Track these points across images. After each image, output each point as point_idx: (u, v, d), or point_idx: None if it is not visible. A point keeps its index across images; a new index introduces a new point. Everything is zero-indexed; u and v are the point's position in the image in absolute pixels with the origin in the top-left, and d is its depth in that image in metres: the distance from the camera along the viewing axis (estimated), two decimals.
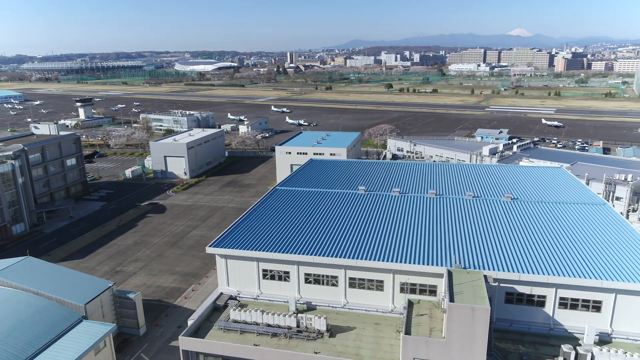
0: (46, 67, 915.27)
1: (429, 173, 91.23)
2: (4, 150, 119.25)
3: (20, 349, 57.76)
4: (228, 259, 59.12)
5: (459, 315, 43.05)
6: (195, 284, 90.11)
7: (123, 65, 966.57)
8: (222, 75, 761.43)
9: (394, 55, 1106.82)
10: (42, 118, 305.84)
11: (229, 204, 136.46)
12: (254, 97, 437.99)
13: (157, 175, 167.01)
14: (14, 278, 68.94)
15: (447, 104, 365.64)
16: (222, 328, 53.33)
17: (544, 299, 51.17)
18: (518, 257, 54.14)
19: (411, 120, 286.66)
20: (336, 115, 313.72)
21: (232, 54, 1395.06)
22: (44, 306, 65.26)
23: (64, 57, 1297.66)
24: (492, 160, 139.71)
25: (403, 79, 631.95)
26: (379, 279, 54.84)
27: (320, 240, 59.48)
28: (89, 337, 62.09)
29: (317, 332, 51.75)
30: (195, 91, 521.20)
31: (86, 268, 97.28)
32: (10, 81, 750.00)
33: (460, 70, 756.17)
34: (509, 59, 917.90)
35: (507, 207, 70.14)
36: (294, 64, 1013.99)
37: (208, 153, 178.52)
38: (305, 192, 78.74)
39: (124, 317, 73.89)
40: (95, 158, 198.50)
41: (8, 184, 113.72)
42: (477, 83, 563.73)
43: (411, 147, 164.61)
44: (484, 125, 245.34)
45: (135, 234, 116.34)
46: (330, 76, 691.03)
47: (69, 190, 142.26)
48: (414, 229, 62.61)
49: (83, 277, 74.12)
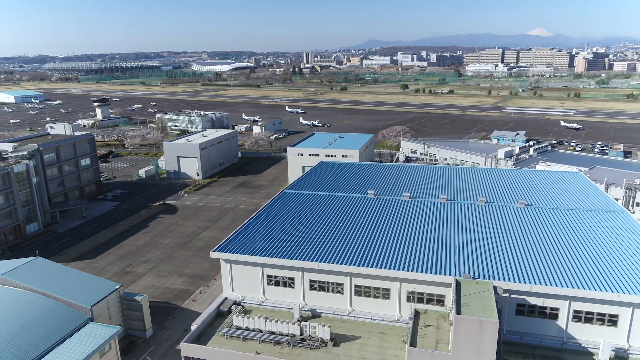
0: (67, 67, 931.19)
1: (441, 177, 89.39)
2: (19, 150, 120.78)
3: (25, 350, 57.88)
4: (232, 264, 58.41)
5: (467, 328, 41.53)
6: (204, 287, 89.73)
7: (141, 65, 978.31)
8: (238, 75, 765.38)
9: (410, 55, 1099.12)
10: (61, 118, 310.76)
11: (240, 205, 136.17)
12: (269, 98, 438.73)
13: (170, 176, 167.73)
14: (23, 278, 69.29)
15: (464, 105, 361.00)
16: (225, 334, 52.59)
17: (556, 312, 49.24)
18: (530, 267, 52.24)
19: (426, 121, 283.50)
20: (350, 116, 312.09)
21: (248, 54, 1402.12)
22: (50, 307, 65.41)
23: (85, 57, 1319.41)
24: (507, 163, 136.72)
25: (419, 80, 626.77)
26: (385, 287, 53.50)
27: (326, 246, 58.35)
28: (94, 339, 61.98)
29: (321, 341, 50.64)
30: (211, 91, 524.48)
31: (96, 268, 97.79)
32: (32, 81, 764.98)
33: (478, 70, 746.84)
34: (527, 60, 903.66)
35: (520, 213, 68.05)
36: (310, 64, 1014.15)
37: (221, 154, 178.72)
38: (314, 196, 77.67)
39: (131, 319, 73.76)
40: (110, 158, 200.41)
41: (22, 183, 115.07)
42: (494, 84, 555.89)
43: (425, 149, 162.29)
44: (500, 127, 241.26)
45: (146, 234, 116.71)
46: (346, 76, 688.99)
47: (83, 190, 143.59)
48: (422, 236, 61.05)
49: (91, 279, 74.23)
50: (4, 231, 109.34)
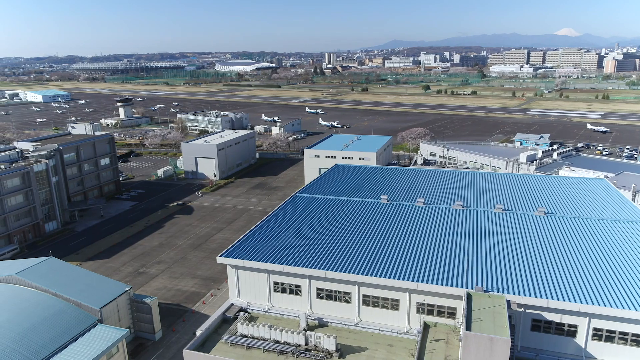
0: (94, 67, 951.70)
1: (458, 182, 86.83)
2: (40, 150, 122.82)
3: (34, 351, 58.06)
4: (239, 270, 57.47)
5: (476, 346, 39.50)
6: (215, 290, 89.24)
7: (165, 65, 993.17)
8: (260, 75, 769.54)
9: (433, 55, 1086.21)
10: (86, 117, 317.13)
11: (255, 207, 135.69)
12: (289, 98, 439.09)
13: (188, 176, 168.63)
14: (35, 278, 69.78)
15: (486, 107, 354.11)
16: (229, 342, 51.64)
17: (575, 329, 46.64)
18: (547, 281, 49.69)
19: (447, 123, 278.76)
20: (370, 117, 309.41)
21: (271, 55, 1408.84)
22: (61, 308, 65.64)
23: (112, 57, 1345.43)
24: (529, 168, 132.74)
25: (442, 81, 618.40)
26: (394, 298, 51.69)
27: (334, 254, 56.84)
28: (102, 341, 61.84)
29: (326, 352, 49.17)
30: (232, 92, 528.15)
31: (111, 268, 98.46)
32: (60, 81, 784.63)
33: (502, 71, 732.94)
34: (554, 60, 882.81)
35: (539, 222, 65.22)
36: (332, 64, 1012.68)
37: (238, 154, 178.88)
38: (326, 200, 76.23)
39: (140, 321, 73.63)
40: (131, 157, 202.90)
41: (42, 182, 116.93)
42: (519, 85, 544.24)
43: (444, 152, 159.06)
44: (523, 130, 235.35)
45: (161, 235, 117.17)
46: (367, 77, 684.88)
47: (102, 189, 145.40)
48: (435, 245, 58.95)
49: (101, 280, 74.37)
50: (23, 229, 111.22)
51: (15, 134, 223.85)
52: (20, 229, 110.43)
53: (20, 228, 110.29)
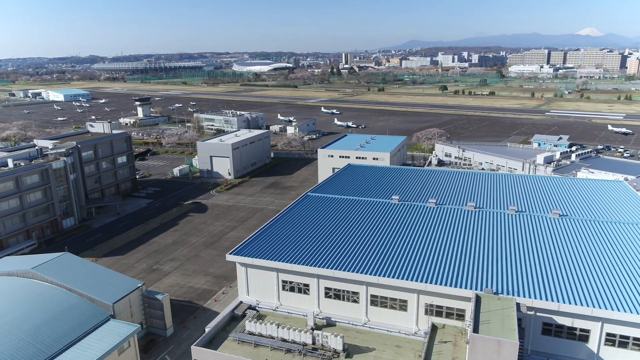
0: (114, 67, 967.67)
1: (472, 183, 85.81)
2: (59, 148, 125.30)
3: (47, 344, 59.24)
4: (248, 268, 57.74)
5: (483, 349, 38.96)
6: (226, 287, 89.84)
7: (184, 65, 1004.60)
8: (277, 75, 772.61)
9: (451, 56, 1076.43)
10: (105, 116, 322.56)
11: (269, 206, 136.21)
12: (305, 98, 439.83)
13: (203, 175, 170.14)
14: (51, 274, 71.14)
15: (504, 108, 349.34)
16: (236, 339, 51.91)
17: (587, 334, 45.65)
18: (559, 284, 48.74)
19: (464, 124, 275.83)
20: (386, 117, 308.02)
21: (288, 55, 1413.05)
22: (74, 303, 66.82)
23: (132, 57, 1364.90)
24: (546, 170, 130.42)
25: (459, 81, 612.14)
26: (403, 299, 51.32)
27: (343, 253, 56.69)
28: (113, 336, 62.78)
29: (333, 352, 49.06)
30: (249, 91, 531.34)
31: (125, 265, 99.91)
32: (82, 80, 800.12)
33: (521, 72, 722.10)
34: (575, 60, 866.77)
35: (553, 224, 64.04)
36: (348, 65, 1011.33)
37: (253, 154, 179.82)
38: (336, 200, 76.11)
39: (152, 317, 74.55)
40: (148, 156, 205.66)
41: (60, 179, 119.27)
42: (538, 85, 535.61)
43: (459, 152, 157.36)
44: (542, 131, 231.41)
45: (175, 232, 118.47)
46: (384, 77, 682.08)
47: (119, 187, 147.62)
48: (445, 246, 58.35)
49: (115, 276, 75.49)
50: (42, 225, 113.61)
51: (36, 132, 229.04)
52: (39, 224, 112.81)
53: (38, 224, 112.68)
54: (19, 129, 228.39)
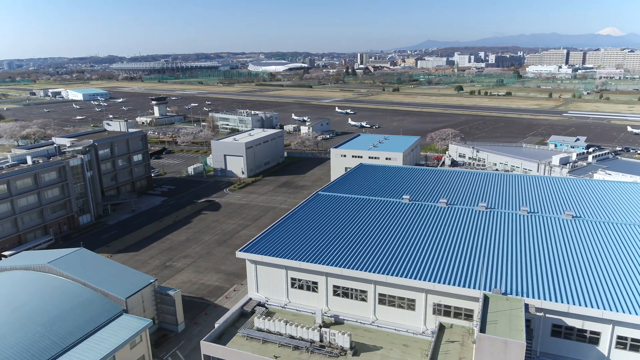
0: (132, 67, 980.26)
1: (485, 183, 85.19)
2: (76, 145, 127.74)
3: (62, 337, 60.60)
4: (258, 265, 58.29)
5: (490, 349, 38.81)
6: (238, 285, 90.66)
7: (200, 65, 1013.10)
8: (292, 75, 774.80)
9: (467, 56, 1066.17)
10: (123, 115, 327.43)
11: (281, 205, 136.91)
12: (320, 98, 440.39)
13: (217, 173, 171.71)
14: (66, 268, 72.68)
15: (521, 108, 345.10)
16: (245, 335, 52.49)
17: (597, 336, 45.11)
18: (570, 285, 48.23)
19: (479, 124, 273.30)
20: (400, 117, 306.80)
21: (304, 55, 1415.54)
22: (88, 297, 68.19)
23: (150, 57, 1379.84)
24: (562, 171, 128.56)
25: (475, 81, 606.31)
26: (411, 298, 51.31)
27: (352, 252, 56.87)
28: (126, 331, 63.91)
29: (340, 349, 49.30)
30: (264, 91, 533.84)
31: (139, 261, 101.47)
32: (100, 80, 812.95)
33: (539, 72, 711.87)
34: (595, 61, 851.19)
35: (565, 226, 63.29)
36: (364, 65, 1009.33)
37: (266, 153, 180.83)
38: (347, 199, 76.29)
39: (164, 313, 75.67)
40: (163, 154, 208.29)
41: (77, 176, 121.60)
42: (556, 86, 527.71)
43: (473, 153, 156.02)
44: (559, 132, 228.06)
45: (188, 230, 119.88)
46: (399, 77, 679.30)
47: (134, 185, 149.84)
48: (454, 245, 58.12)
49: (128, 271, 76.78)
50: (59, 221, 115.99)
51: (55, 131, 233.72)
52: (56, 220, 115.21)
53: (56, 220, 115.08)
54: (38, 127, 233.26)
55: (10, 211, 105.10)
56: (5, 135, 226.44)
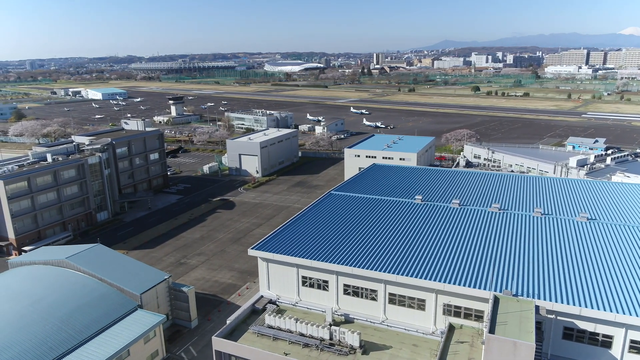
0: (150, 67, 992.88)
1: (498, 185, 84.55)
2: (94, 144, 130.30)
3: (78, 330, 62.16)
4: (269, 263, 58.92)
5: (499, 350, 38.74)
6: (250, 282, 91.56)
7: (217, 65, 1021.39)
8: (308, 76, 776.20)
9: (485, 56, 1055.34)
10: (140, 114, 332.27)
11: (294, 205, 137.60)
12: (335, 98, 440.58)
13: (232, 172, 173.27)
14: (83, 263, 74.41)
15: (539, 109, 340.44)
16: (256, 332, 53.14)
17: (610, 340, 44.60)
18: (582, 288, 47.75)
19: (495, 125, 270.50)
20: (415, 118, 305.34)
21: (320, 55, 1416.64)
22: (104, 292, 69.74)
23: (168, 57, 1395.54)
24: (579, 173, 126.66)
25: (492, 82, 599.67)
26: (421, 298, 51.36)
27: (362, 251, 57.11)
28: (140, 326, 65.25)
29: (350, 348, 49.61)
30: (280, 91, 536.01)
31: (154, 258, 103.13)
32: (119, 79, 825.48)
33: (558, 72, 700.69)
34: (616, 61, 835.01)
35: (580, 228, 62.55)
36: (380, 65, 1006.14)
37: (281, 152, 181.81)
38: (359, 198, 76.51)
39: (177, 309, 76.89)
40: (179, 153, 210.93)
41: (95, 174, 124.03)
42: (575, 87, 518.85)
43: (489, 154, 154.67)
44: (577, 134, 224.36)
45: (203, 228, 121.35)
46: (415, 78, 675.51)
47: (151, 183, 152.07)
48: (466, 246, 57.94)
49: (143, 268, 78.17)
50: (77, 218, 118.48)
51: (75, 129, 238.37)
52: (74, 217, 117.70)
53: (74, 216, 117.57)
54: (59, 125, 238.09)
55: (31, 207, 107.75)
56: (27, 133, 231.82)
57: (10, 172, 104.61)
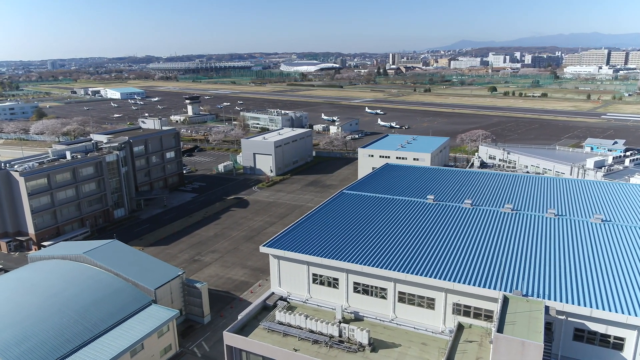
0: (168, 67, 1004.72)
1: (512, 185, 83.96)
2: (112, 142, 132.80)
3: (94, 323, 63.74)
4: (281, 260, 59.60)
5: (507, 349, 38.73)
6: (263, 280, 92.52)
7: (234, 65, 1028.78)
8: (323, 76, 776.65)
9: (502, 56, 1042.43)
10: (158, 113, 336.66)
11: (307, 204, 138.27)
12: (350, 98, 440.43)
13: (246, 171, 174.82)
14: (100, 258, 76.19)
15: (557, 110, 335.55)
16: (266, 328, 53.82)
17: (622, 342, 44.17)
18: (594, 289, 47.34)
19: (512, 126, 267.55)
20: (430, 118, 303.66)
21: (335, 55, 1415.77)
22: (120, 287, 71.31)
23: (185, 57, 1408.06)
24: (596, 174, 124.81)
25: (510, 82, 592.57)
26: (430, 297, 51.46)
27: (373, 250, 57.40)
28: (154, 320, 66.61)
29: (359, 345, 49.95)
30: (295, 91, 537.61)
31: (169, 255, 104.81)
32: (137, 79, 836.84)
33: (577, 73, 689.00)
34: (638, 61, 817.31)
35: (593, 230, 61.87)
36: (395, 65, 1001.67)
37: (295, 152, 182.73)
38: (371, 198, 76.76)
39: (191, 304, 78.16)
40: (195, 152, 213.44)
41: (113, 172, 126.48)
42: (595, 87, 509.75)
43: (504, 155, 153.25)
44: (596, 135, 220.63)
45: (217, 225, 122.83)
46: (431, 78, 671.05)
47: (166, 181, 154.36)
48: (477, 246, 57.81)
49: (157, 264, 79.64)
50: (95, 214, 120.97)
51: (94, 128, 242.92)
52: (92, 213, 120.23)
53: (92, 213, 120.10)
54: (78, 124, 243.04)
55: (50, 204, 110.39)
56: (47, 131, 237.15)
57: (31, 169, 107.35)
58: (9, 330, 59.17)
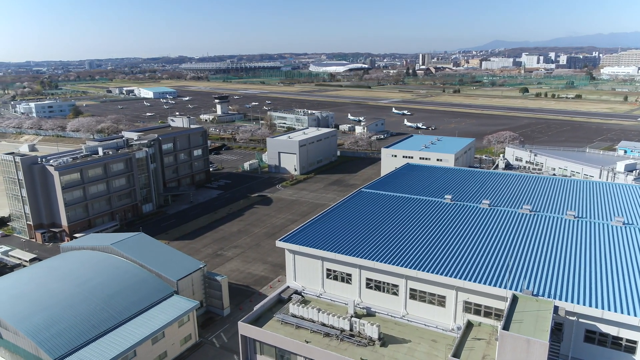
0: (199, 67, 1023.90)
1: (533, 186, 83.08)
2: (142, 139, 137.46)
3: (119, 311, 66.84)
4: (296, 255, 61.16)
5: (513, 346, 39.06)
6: (282, 276, 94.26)
7: (263, 66, 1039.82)
8: (352, 76, 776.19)
9: (536, 57, 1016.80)
10: (188, 112, 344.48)
11: (330, 202, 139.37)
12: (377, 99, 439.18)
13: (271, 170, 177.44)
14: (126, 250, 79.55)
15: (591, 112, 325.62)
16: (280, 320, 55.46)
17: (634, 345, 43.71)
18: (607, 291, 46.92)
19: (542, 128, 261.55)
20: (458, 119, 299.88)
21: (365, 56, 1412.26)
22: (144, 277, 74.40)
23: (216, 58, 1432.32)
24: (627, 178, 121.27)
25: (543, 83, 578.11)
26: (441, 294, 52.00)
27: (386, 247, 58.26)
28: (175, 310, 69.33)
29: (369, 339, 50.98)
30: (323, 91, 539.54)
31: (193, 249, 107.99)
32: (170, 79, 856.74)
33: (615, 74, 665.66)
34: None
35: (613, 232, 60.89)
36: (425, 65, 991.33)
37: (319, 151, 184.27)
38: (389, 196, 77.44)
39: (211, 297, 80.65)
40: (222, 150, 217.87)
41: (142, 168, 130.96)
42: (634, 89, 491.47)
43: (531, 157, 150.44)
44: (631, 138, 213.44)
45: (240, 222, 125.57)
46: (461, 79, 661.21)
47: (193, 178, 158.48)
48: (490, 245, 57.86)
49: (180, 256, 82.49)
50: (124, 209, 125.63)
51: (126, 126, 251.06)
52: (122, 208, 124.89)
53: (121, 207, 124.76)
54: (112, 122, 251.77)
55: (82, 197, 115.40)
56: (83, 129, 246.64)
57: (65, 164, 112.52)
58: (40, 314, 62.84)
